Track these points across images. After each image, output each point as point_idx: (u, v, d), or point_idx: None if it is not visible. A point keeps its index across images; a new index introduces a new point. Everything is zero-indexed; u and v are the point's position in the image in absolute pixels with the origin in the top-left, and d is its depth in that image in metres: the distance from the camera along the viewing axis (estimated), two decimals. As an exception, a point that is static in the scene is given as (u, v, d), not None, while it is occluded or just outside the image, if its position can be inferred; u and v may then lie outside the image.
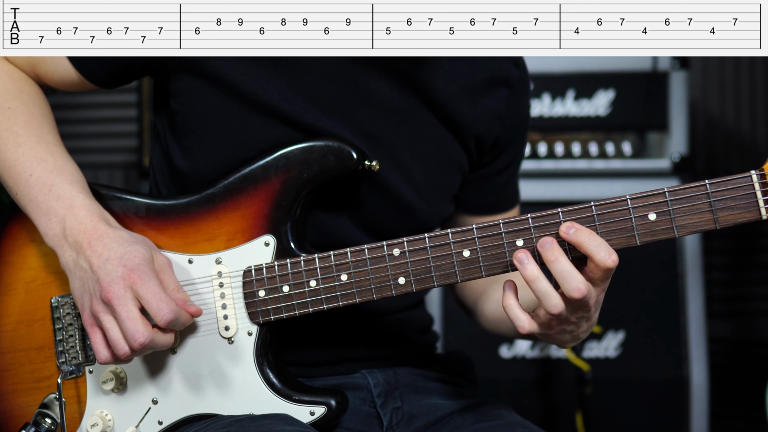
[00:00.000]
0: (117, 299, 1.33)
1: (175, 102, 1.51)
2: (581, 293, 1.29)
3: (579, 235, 1.30)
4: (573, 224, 1.31)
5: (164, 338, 1.37)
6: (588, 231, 1.30)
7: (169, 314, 1.34)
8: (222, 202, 1.46)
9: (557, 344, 1.42)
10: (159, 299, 1.34)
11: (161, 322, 1.34)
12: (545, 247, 1.31)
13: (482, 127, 1.59)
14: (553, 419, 2.77)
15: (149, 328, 1.34)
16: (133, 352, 1.36)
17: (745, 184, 1.31)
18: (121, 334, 1.34)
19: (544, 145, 2.85)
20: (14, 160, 1.45)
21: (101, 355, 1.37)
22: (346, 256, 1.41)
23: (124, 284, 1.34)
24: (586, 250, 1.29)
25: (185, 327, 1.41)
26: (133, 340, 1.33)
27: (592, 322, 1.39)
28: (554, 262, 1.30)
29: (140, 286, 1.34)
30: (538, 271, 1.31)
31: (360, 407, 1.57)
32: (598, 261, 1.29)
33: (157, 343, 1.36)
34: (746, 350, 3.46)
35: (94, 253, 1.37)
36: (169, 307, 1.34)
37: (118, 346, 1.35)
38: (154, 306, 1.34)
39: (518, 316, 1.35)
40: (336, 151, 1.44)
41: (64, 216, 1.40)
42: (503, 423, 1.54)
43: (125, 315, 1.33)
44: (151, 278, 1.35)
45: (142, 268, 1.35)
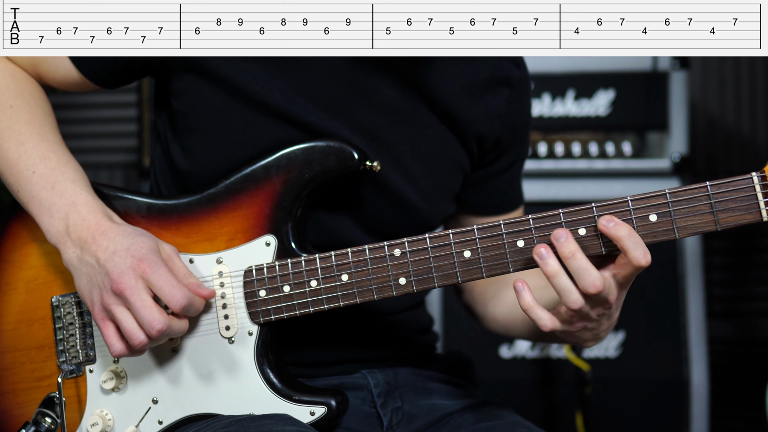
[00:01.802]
0: (129, 289, 1.33)
1: (176, 101, 1.51)
2: (597, 288, 1.28)
3: (619, 230, 1.29)
4: (612, 218, 1.30)
5: (180, 324, 1.37)
6: (629, 227, 1.30)
7: (183, 299, 1.34)
8: (223, 202, 1.46)
9: (579, 343, 1.42)
10: (172, 286, 1.34)
11: (176, 308, 1.35)
12: (560, 241, 1.30)
13: (483, 127, 1.59)
14: (553, 419, 2.77)
15: (165, 314, 1.35)
16: (149, 341, 1.35)
17: (746, 186, 1.31)
18: (136, 324, 1.34)
19: (544, 145, 2.85)
20: (16, 158, 1.45)
21: (115, 347, 1.37)
22: (347, 256, 1.41)
23: (135, 274, 1.34)
24: (624, 245, 1.29)
25: (198, 312, 1.41)
26: (151, 327, 1.33)
27: (613, 320, 1.39)
28: (571, 258, 1.29)
29: (151, 275, 1.34)
30: (558, 266, 1.30)
31: (360, 407, 1.57)
32: (633, 257, 1.28)
33: (174, 330, 1.36)
34: (746, 350, 3.46)
35: (99, 247, 1.37)
36: (182, 292, 1.35)
37: (134, 336, 1.34)
38: (168, 293, 1.34)
39: (540, 316, 1.34)
40: (337, 152, 1.44)
41: (67, 213, 1.40)
42: (503, 423, 1.54)
43: (140, 304, 1.33)
44: (161, 266, 1.35)
45: (151, 257, 1.36)
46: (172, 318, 1.36)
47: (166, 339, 1.38)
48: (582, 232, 1.33)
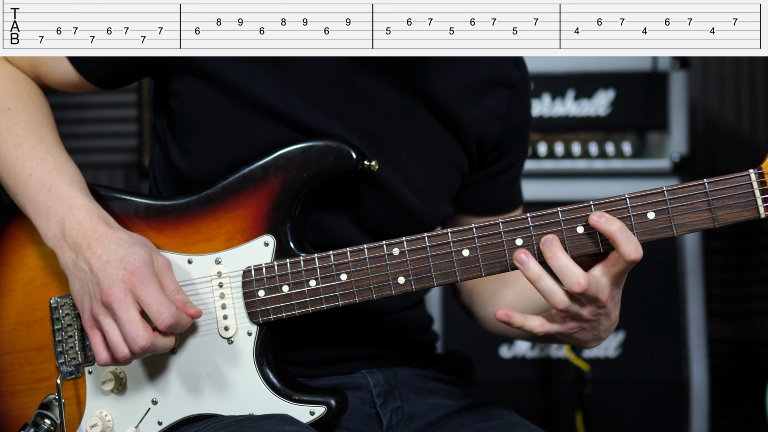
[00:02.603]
0: (117, 302, 1.33)
1: (175, 102, 1.51)
2: (581, 287, 1.29)
3: (611, 224, 1.30)
4: (603, 213, 1.31)
5: (164, 341, 1.37)
6: (620, 222, 1.30)
7: (169, 318, 1.34)
8: (221, 202, 1.46)
9: (580, 344, 1.43)
10: (159, 303, 1.34)
11: (162, 326, 1.34)
12: (545, 245, 1.32)
13: (483, 128, 1.59)
14: (553, 419, 2.77)
15: (150, 331, 1.34)
16: (132, 355, 1.36)
17: (744, 183, 1.31)
18: (122, 337, 1.35)
19: (544, 145, 2.85)
20: (14, 161, 1.45)
21: (101, 356, 1.38)
22: (345, 255, 1.41)
23: (125, 287, 1.34)
24: (615, 238, 1.29)
25: (185, 329, 1.41)
26: (134, 343, 1.33)
27: (612, 319, 1.39)
28: (552, 258, 1.31)
29: (140, 290, 1.34)
30: (540, 269, 1.32)
31: (360, 407, 1.57)
32: (624, 252, 1.29)
33: (158, 347, 1.36)
34: (746, 350, 3.46)
35: (93, 255, 1.37)
36: (169, 311, 1.34)
37: (118, 349, 1.35)
38: (155, 310, 1.34)
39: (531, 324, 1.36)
40: (335, 151, 1.44)
41: (63, 216, 1.40)
42: (503, 423, 1.54)
43: (126, 318, 1.33)
44: (151, 282, 1.35)
45: (143, 271, 1.35)
46: (156, 335, 1.35)
47: (149, 354, 1.38)
48: (580, 230, 1.34)
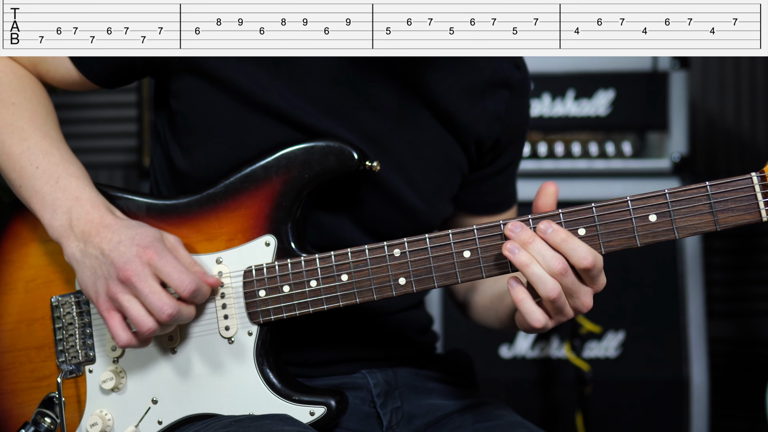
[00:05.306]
0: (136, 276, 1.34)
1: (176, 102, 1.51)
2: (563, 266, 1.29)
3: (555, 236, 1.30)
4: (550, 223, 1.31)
5: (188, 310, 1.38)
6: (566, 232, 1.30)
7: (191, 284, 1.35)
8: (222, 202, 1.46)
9: None
10: (179, 271, 1.35)
11: (185, 293, 1.35)
12: (516, 232, 1.31)
13: (482, 129, 1.59)
14: (553, 419, 2.77)
15: (174, 299, 1.35)
16: (158, 327, 1.35)
17: (746, 186, 1.31)
18: (144, 310, 1.35)
19: (544, 145, 2.85)
20: (19, 154, 1.45)
21: (122, 338, 1.37)
22: (346, 256, 1.41)
23: (141, 261, 1.34)
24: (562, 251, 1.30)
25: (205, 299, 1.41)
26: (161, 312, 1.33)
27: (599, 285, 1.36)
28: (532, 242, 1.31)
29: (158, 261, 1.35)
30: (529, 256, 1.31)
31: (360, 407, 1.57)
32: (575, 262, 1.29)
33: (183, 315, 1.36)
34: (746, 350, 3.46)
35: (103, 239, 1.37)
36: (190, 277, 1.35)
37: (142, 323, 1.35)
38: (176, 278, 1.34)
39: (532, 310, 1.33)
40: (337, 152, 1.44)
41: (71, 207, 1.41)
42: (503, 423, 1.54)
43: (148, 290, 1.34)
44: (166, 252, 1.36)
45: (156, 244, 1.36)
46: (180, 303, 1.36)
47: (173, 327, 1.39)
48: (582, 232, 1.33)
